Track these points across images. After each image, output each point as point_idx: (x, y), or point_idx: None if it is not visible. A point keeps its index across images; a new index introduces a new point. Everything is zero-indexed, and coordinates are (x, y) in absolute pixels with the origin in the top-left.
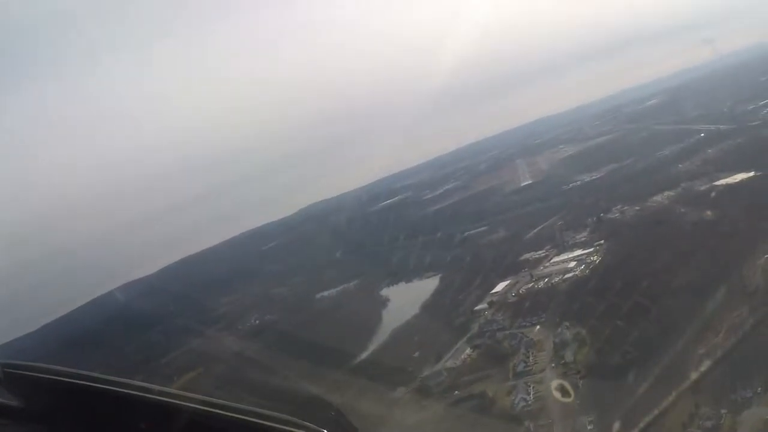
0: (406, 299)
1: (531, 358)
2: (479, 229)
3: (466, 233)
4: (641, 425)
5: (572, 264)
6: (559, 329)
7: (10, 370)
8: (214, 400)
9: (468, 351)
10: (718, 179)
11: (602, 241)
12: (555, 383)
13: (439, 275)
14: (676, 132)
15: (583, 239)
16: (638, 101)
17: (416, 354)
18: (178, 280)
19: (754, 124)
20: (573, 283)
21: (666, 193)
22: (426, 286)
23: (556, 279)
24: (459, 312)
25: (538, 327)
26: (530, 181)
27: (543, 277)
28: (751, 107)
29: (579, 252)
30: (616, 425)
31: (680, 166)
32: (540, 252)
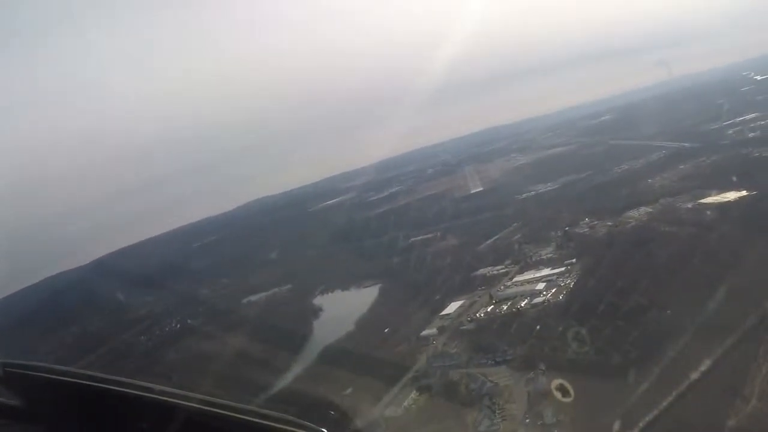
0: (340, 311)
1: (497, 413)
2: (426, 236)
3: (412, 239)
4: None
5: (540, 286)
6: (533, 373)
7: (11, 369)
8: (214, 400)
9: (413, 395)
10: (704, 197)
11: (574, 260)
12: None
13: (379, 285)
14: (634, 147)
15: (549, 256)
16: (591, 116)
17: (348, 391)
18: (104, 275)
19: (724, 143)
20: (545, 310)
21: (643, 209)
22: (364, 297)
23: (523, 303)
24: (401, 336)
25: (503, 367)
26: (481, 188)
27: (505, 299)
28: (715, 126)
29: (547, 271)
30: None
31: (650, 180)
32: (499, 267)
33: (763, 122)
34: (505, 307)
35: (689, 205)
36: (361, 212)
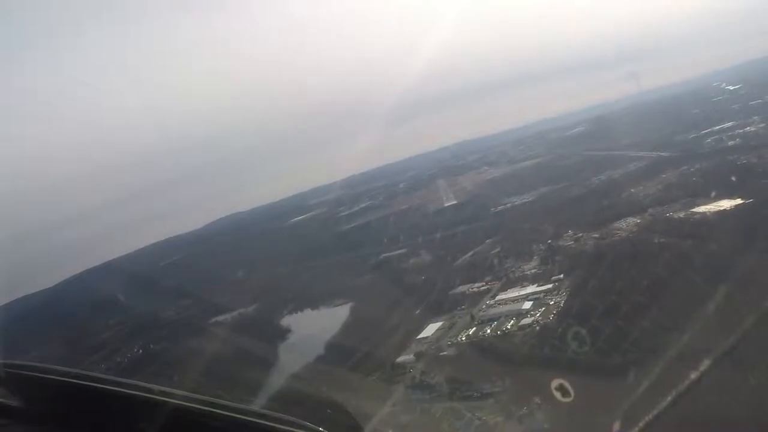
0: (309, 332)
1: None
2: (399, 251)
3: (383, 255)
4: None
5: (527, 305)
6: (527, 408)
7: (11, 370)
8: (214, 400)
9: None
10: (696, 206)
11: (561, 276)
12: None
13: (350, 304)
14: (610, 157)
15: (533, 271)
16: (562, 129)
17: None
18: (65, 298)
19: (704, 151)
20: (534, 332)
21: (631, 220)
22: (334, 317)
23: (509, 324)
24: (374, 363)
25: (492, 401)
26: (454, 202)
27: (489, 320)
28: (692, 136)
29: (533, 288)
30: None
31: (633, 190)
32: (479, 285)
33: (740, 130)
34: (489, 330)
35: (681, 215)
36: (331, 228)
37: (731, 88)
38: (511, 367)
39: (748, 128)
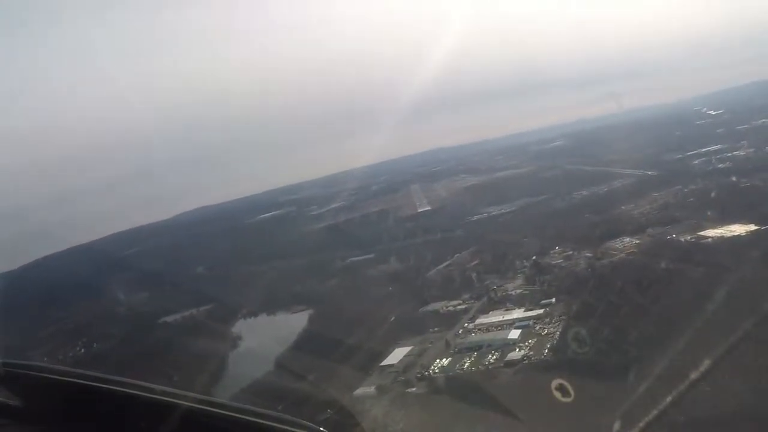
0: (260, 344)
1: None
2: (366, 256)
3: (350, 259)
4: None
5: (513, 334)
6: None
7: (11, 369)
8: (214, 399)
9: None
10: (702, 229)
11: (552, 300)
12: None
13: (310, 312)
14: (593, 173)
15: (519, 292)
16: (541, 142)
17: None
18: (20, 284)
19: (694, 172)
20: (524, 372)
21: (628, 240)
22: (290, 326)
23: (492, 357)
24: (326, 396)
25: None
26: (428, 208)
27: (468, 350)
28: (678, 156)
29: (519, 313)
30: None
31: (624, 208)
32: (455, 302)
33: (729, 154)
34: (467, 362)
35: (688, 238)
36: (299, 227)
37: (713, 112)
38: (496, 417)
39: (737, 152)
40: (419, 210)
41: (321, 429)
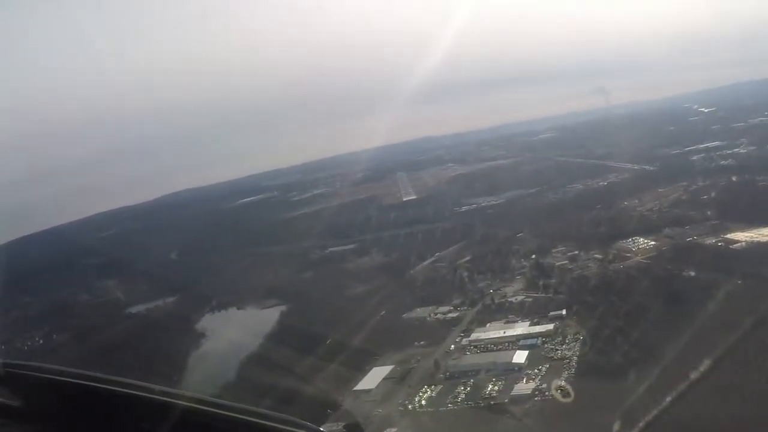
0: (224, 345)
1: None
2: (347, 247)
3: (329, 249)
4: None
5: (519, 356)
6: None
7: (11, 369)
8: (214, 400)
9: None
10: (729, 231)
11: (563, 311)
12: None
13: (282, 308)
14: (586, 165)
15: (520, 298)
16: (528, 134)
17: None
18: None
19: (698, 168)
20: (535, 412)
21: (643, 241)
22: (259, 325)
23: (494, 388)
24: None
25: None
26: (414, 197)
27: (463, 376)
28: (675, 152)
29: (524, 328)
30: None
31: (626, 203)
32: (444, 308)
33: (730, 151)
34: (463, 393)
35: (713, 241)
36: (279, 213)
37: (705, 110)
38: None
39: (738, 150)
40: (405, 199)
41: (321, 429)
